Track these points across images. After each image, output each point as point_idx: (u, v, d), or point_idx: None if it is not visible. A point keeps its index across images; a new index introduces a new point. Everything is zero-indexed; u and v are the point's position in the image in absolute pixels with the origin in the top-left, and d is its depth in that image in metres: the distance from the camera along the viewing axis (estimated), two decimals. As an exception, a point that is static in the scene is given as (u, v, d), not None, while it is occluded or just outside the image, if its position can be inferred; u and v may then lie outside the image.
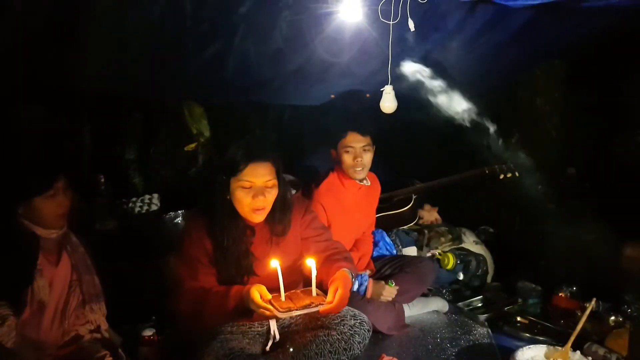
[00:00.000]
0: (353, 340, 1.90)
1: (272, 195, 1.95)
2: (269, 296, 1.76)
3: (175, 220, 3.22)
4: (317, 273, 1.84)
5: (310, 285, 1.84)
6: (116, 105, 3.46)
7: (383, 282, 2.45)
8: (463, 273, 3.02)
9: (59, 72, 2.41)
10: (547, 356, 2.04)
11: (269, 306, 1.71)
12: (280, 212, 2.02)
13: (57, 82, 2.61)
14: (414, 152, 3.65)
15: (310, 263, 1.78)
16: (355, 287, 2.37)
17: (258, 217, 1.96)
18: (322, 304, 1.75)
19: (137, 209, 3.45)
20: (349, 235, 2.63)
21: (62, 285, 1.92)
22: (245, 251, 1.97)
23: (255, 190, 1.90)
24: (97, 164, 3.29)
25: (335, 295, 1.78)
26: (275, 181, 1.95)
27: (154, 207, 3.53)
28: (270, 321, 2.05)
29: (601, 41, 2.65)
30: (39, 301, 1.81)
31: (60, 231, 1.95)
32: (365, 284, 2.38)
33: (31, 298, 1.80)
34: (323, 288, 1.89)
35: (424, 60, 2.16)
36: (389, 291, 2.43)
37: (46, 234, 1.90)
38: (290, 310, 1.70)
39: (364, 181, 2.62)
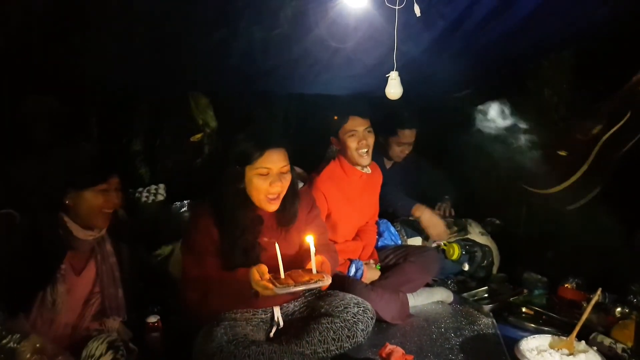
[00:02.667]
0: (356, 328, 1.92)
1: (287, 181, 1.98)
2: (268, 275, 1.78)
3: (181, 210, 3.24)
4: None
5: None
6: (122, 96, 3.48)
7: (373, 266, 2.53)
8: (468, 264, 3.00)
9: (65, 65, 2.42)
10: (551, 346, 2.03)
11: (268, 284, 1.73)
12: (289, 201, 2.05)
13: (63, 75, 2.63)
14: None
15: (309, 240, 1.81)
16: (352, 272, 2.43)
17: (272, 206, 1.97)
18: (321, 281, 1.78)
19: (143, 199, 3.48)
20: (350, 223, 2.65)
21: (79, 296, 1.83)
22: (253, 241, 1.98)
23: (273, 176, 1.92)
24: (104, 155, 3.30)
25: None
26: (288, 166, 1.98)
27: (160, 197, 3.55)
28: (274, 308, 2.06)
29: (611, 30, 2.62)
30: (51, 309, 1.71)
31: (98, 234, 1.87)
32: (362, 269, 2.46)
33: (41, 304, 1.70)
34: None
35: (430, 47, 2.14)
36: (374, 274, 2.53)
37: (84, 235, 1.80)
38: (288, 286, 1.72)
39: (366, 169, 2.62)
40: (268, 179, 1.91)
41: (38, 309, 1.71)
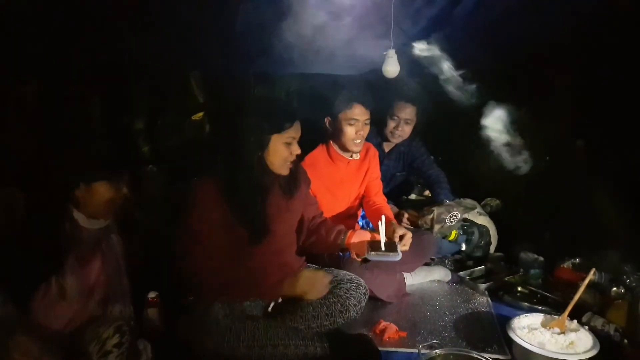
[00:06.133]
0: (349, 303, 1.95)
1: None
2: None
3: (182, 191, 3.25)
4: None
5: None
6: (124, 75, 3.47)
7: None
8: (465, 244, 3.02)
9: (67, 45, 2.42)
10: (543, 324, 2.05)
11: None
12: (294, 168, 2.10)
13: (66, 55, 2.63)
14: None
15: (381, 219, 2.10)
16: None
17: (287, 170, 2.03)
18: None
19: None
20: (335, 208, 2.60)
21: (84, 285, 1.82)
22: (265, 206, 1.99)
23: (293, 144, 1.99)
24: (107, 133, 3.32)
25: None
26: None
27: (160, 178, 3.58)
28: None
29: (615, 12, 2.57)
30: (55, 299, 1.70)
31: (104, 224, 1.87)
32: None
33: (45, 294, 1.69)
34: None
35: (428, 26, 2.12)
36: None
37: (89, 224, 1.80)
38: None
39: (354, 155, 2.58)
40: (290, 146, 1.98)
41: (41, 299, 1.70)
